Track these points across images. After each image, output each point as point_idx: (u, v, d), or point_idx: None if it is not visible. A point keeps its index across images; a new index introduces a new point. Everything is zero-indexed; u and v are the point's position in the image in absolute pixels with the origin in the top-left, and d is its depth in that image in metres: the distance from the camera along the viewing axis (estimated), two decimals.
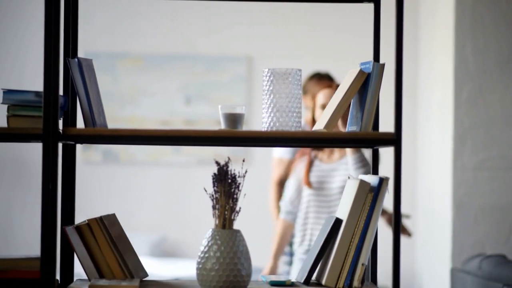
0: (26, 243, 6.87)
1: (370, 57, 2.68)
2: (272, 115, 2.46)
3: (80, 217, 6.76)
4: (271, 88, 2.47)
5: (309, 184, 4.19)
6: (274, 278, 2.58)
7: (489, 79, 5.69)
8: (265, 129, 2.46)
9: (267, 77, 2.48)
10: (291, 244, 5.08)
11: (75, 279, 2.64)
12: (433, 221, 6.09)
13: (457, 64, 5.69)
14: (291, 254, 4.95)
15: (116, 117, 6.80)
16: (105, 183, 6.94)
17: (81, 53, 6.96)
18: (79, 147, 6.87)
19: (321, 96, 4.16)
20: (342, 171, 4.17)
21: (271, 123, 2.46)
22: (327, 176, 4.21)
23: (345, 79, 2.59)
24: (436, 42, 6.19)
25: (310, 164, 4.24)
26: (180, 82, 6.91)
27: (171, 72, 6.90)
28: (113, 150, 6.93)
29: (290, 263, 5.00)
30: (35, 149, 6.85)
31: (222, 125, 2.43)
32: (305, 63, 6.17)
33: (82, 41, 7.06)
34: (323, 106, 4.06)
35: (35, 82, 6.58)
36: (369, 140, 2.42)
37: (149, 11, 7.03)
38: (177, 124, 6.85)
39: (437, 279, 6.03)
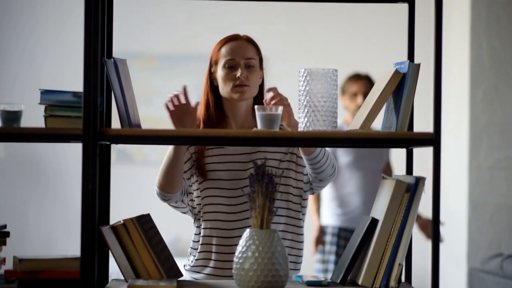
0: (39, 242, 6.87)
1: (384, 59, 2.67)
2: (308, 115, 2.45)
3: None
4: (307, 88, 2.46)
5: (203, 175, 2.85)
6: (310, 278, 2.58)
7: (505, 78, 5.69)
8: (301, 129, 2.46)
9: (303, 77, 2.47)
10: (323, 243, 5.09)
11: (109, 279, 2.65)
12: (449, 220, 6.09)
13: (473, 64, 5.70)
14: (324, 252, 4.96)
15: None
16: (118, 183, 6.94)
17: None
18: None
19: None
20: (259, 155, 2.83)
21: (307, 123, 2.45)
22: (236, 164, 2.86)
23: (380, 79, 2.59)
24: (451, 41, 6.19)
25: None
26: (193, 82, 6.91)
27: (184, 72, 6.91)
28: (127, 150, 6.94)
29: (323, 261, 5.01)
30: (47, 150, 6.86)
31: (258, 126, 2.42)
32: (319, 63, 6.17)
33: None
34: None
35: (47, 82, 6.59)
36: (407, 140, 2.43)
37: (162, 11, 7.03)
38: None
39: (452, 279, 6.03)
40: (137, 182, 6.95)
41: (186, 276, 2.90)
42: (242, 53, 2.88)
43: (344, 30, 7.00)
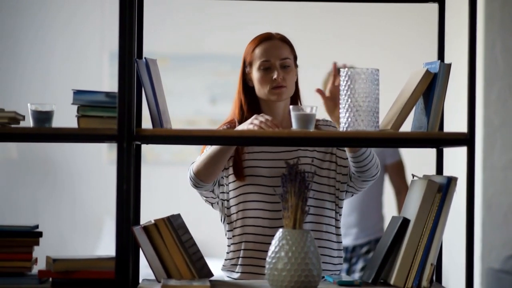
0: (50, 242, 6.87)
1: (390, 60, 2.67)
2: (350, 115, 2.42)
3: (107, 217, 6.77)
4: (350, 87, 2.43)
5: (241, 177, 2.83)
6: (341, 278, 2.58)
7: None
8: (343, 129, 2.42)
9: (345, 77, 2.44)
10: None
11: (140, 279, 2.65)
12: (462, 220, 6.08)
13: (487, 64, 5.70)
14: (347, 250, 4.96)
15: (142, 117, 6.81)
16: None
17: (106, 54, 7.00)
18: (104, 146, 6.89)
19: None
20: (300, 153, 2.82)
21: (350, 123, 2.42)
22: (271, 160, 2.83)
23: (410, 79, 2.60)
24: (464, 41, 6.19)
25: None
26: (205, 82, 6.92)
27: (196, 71, 6.91)
28: None
29: (345, 259, 5.00)
30: (58, 150, 6.86)
31: (293, 126, 2.42)
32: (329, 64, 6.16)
33: (108, 41, 7.08)
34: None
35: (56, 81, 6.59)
36: (441, 141, 2.43)
37: (174, 10, 7.03)
38: (202, 124, 6.86)
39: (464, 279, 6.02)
40: (148, 182, 6.94)
41: (223, 275, 2.95)
42: (277, 54, 2.85)
43: (351, 32, 7.00)
